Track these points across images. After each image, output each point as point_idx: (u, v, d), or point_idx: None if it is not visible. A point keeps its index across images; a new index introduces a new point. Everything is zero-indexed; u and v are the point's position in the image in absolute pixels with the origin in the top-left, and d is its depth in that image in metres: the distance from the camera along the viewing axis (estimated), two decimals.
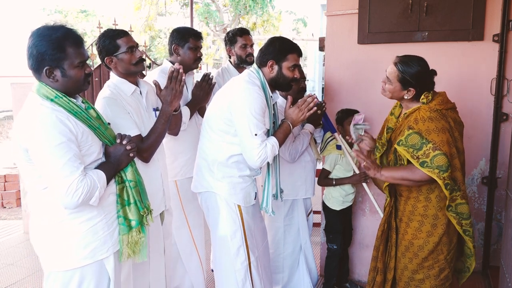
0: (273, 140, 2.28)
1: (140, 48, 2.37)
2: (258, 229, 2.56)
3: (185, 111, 2.73)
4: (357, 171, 3.01)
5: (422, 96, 2.25)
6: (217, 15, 16.13)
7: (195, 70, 2.96)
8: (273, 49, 2.33)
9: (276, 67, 2.33)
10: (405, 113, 2.33)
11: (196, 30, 2.87)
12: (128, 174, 1.87)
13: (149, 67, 5.52)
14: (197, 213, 2.86)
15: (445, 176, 2.14)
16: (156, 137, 2.22)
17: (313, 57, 15.57)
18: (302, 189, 2.99)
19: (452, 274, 2.42)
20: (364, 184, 3.01)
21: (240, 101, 2.23)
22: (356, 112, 3.05)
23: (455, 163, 2.20)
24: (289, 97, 2.46)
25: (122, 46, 2.24)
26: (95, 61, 4.63)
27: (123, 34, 2.27)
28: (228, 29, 15.84)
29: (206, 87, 2.81)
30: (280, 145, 2.33)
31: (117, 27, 4.87)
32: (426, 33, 2.96)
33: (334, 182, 3.04)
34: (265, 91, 2.31)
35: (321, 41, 3.57)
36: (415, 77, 2.21)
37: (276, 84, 2.36)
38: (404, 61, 2.23)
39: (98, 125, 1.78)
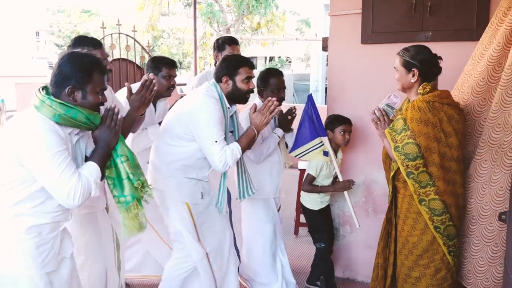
0: (234, 146, 2.44)
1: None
2: (216, 225, 2.64)
3: (154, 129, 2.89)
4: (341, 179, 3.07)
5: (420, 87, 2.34)
6: (220, 15, 16.12)
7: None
8: (226, 65, 2.53)
9: (230, 82, 2.51)
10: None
11: (170, 59, 3.03)
12: (119, 149, 1.92)
13: None
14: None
15: (410, 164, 2.25)
16: None
17: (316, 57, 15.55)
18: (266, 188, 3.05)
19: (452, 276, 2.43)
20: (345, 192, 3.06)
21: (199, 112, 2.41)
22: (347, 120, 3.07)
23: (432, 158, 2.27)
24: (253, 103, 2.63)
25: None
26: None
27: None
28: (232, 29, 15.69)
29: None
30: (244, 149, 2.48)
31: (121, 27, 4.90)
32: (430, 33, 2.95)
33: (320, 189, 3.09)
34: (222, 103, 2.48)
35: (324, 41, 3.58)
36: (416, 58, 2.33)
37: (233, 97, 2.54)
38: (404, 48, 2.39)
39: (86, 121, 1.82)
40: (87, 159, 1.89)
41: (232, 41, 3.45)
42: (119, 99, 2.75)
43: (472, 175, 2.43)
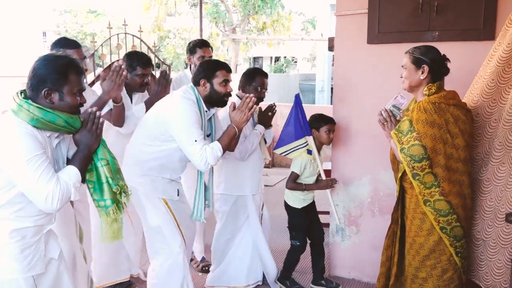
0: (214, 144, 2.48)
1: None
2: (189, 225, 2.73)
3: (140, 107, 2.98)
4: (324, 177, 3.13)
5: (425, 88, 2.34)
6: (226, 15, 16.14)
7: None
8: (203, 69, 2.59)
9: (208, 85, 2.56)
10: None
11: (146, 58, 3.05)
12: (100, 153, 1.90)
13: (158, 67, 5.56)
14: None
15: (416, 166, 2.25)
16: None
17: (322, 57, 15.53)
18: (248, 185, 3.09)
19: (459, 277, 2.41)
20: (328, 191, 3.13)
21: (176, 114, 2.46)
22: (332, 119, 3.10)
23: (438, 159, 2.26)
24: (232, 102, 2.66)
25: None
26: (104, 61, 4.67)
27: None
28: (237, 29, 15.67)
29: (164, 82, 3.08)
30: (225, 148, 2.51)
31: (127, 28, 4.92)
32: (437, 33, 2.94)
33: (304, 187, 3.12)
34: (199, 106, 2.54)
35: (330, 41, 3.57)
36: (426, 55, 2.33)
37: (211, 100, 2.59)
38: (414, 47, 2.41)
39: (65, 125, 1.81)
40: (69, 161, 1.88)
41: (203, 44, 3.55)
42: (97, 92, 2.84)
43: (491, 178, 2.40)
